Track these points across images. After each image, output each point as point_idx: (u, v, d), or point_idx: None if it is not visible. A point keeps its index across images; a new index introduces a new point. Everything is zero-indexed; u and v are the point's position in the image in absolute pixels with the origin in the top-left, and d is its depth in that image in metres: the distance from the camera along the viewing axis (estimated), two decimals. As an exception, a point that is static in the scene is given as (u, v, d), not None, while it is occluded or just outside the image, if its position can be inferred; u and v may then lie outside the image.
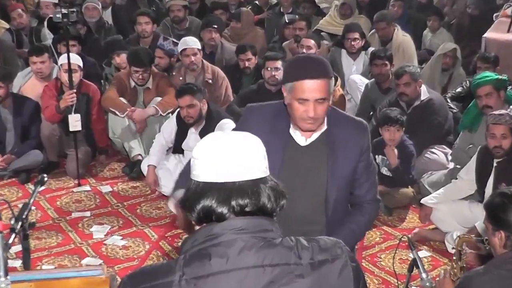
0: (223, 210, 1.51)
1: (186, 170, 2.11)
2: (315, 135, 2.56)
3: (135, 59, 5.78)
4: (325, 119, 2.54)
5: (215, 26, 6.70)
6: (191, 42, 5.92)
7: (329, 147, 2.55)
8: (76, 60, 5.56)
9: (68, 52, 5.23)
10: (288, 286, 1.50)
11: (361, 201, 2.68)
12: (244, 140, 1.56)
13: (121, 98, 5.75)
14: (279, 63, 5.57)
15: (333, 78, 2.49)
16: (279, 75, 5.47)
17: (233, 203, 1.51)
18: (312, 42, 6.19)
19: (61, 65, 5.42)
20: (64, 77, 5.41)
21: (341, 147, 2.55)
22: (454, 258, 2.76)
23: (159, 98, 5.74)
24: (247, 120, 2.61)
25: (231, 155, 1.53)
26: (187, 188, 1.58)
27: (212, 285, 1.47)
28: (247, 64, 6.18)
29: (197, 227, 1.57)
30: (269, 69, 5.60)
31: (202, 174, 1.54)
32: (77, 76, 5.53)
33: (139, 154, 5.63)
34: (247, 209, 1.51)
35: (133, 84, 5.81)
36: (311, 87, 2.41)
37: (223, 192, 1.51)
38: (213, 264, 1.48)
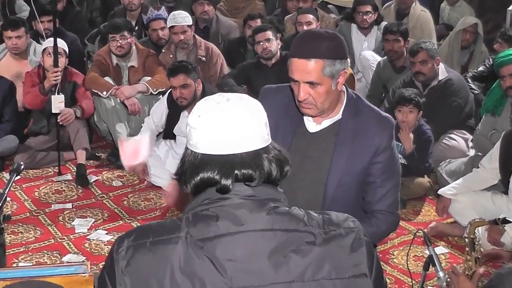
0: (227, 182, 1.55)
1: None
2: (325, 122, 2.51)
3: (110, 25, 5.85)
4: (342, 107, 2.49)
5: None
6: (180, 18, 5.83)
7: (338, 138, 2.49)
8: (61, 44, 5.55)
9: (55, 28, 5.21)
10: (297, 253, 1.54)
11: (372, 209, 2.56)
12: (244, 106, 1.60)
13: (107, 78, 5.73)
14: (269, 34, 5.59)
15: (340, 60, 2.35)
16: (272, 46, 5.54)
17: (238, 173, 1.55)
18: (311, 17, 6.16)
19: (44, 49, 5.38)
20: (48, 62, 5.42)
21: (352, 141, 2.48)
22: (466, 249, 2.70)
23: (148, 78, 5.72)
24: (261, 102, 2.58)
25: (231, 124, 1.56)
26: (182, 158, 1.63)
27: (219, 246, 1.52)
28: None
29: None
30: (261, 43, 5.61)
31: (200, 145, 1.59)
32: (62, 61, 5.52)
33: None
34: (253, 184, 1.56)
35: (115, 61, 5.79)
36: (298, 67, 2.36)
37: (225, 165, 1.56)
38: (220, 226, 1.53)
